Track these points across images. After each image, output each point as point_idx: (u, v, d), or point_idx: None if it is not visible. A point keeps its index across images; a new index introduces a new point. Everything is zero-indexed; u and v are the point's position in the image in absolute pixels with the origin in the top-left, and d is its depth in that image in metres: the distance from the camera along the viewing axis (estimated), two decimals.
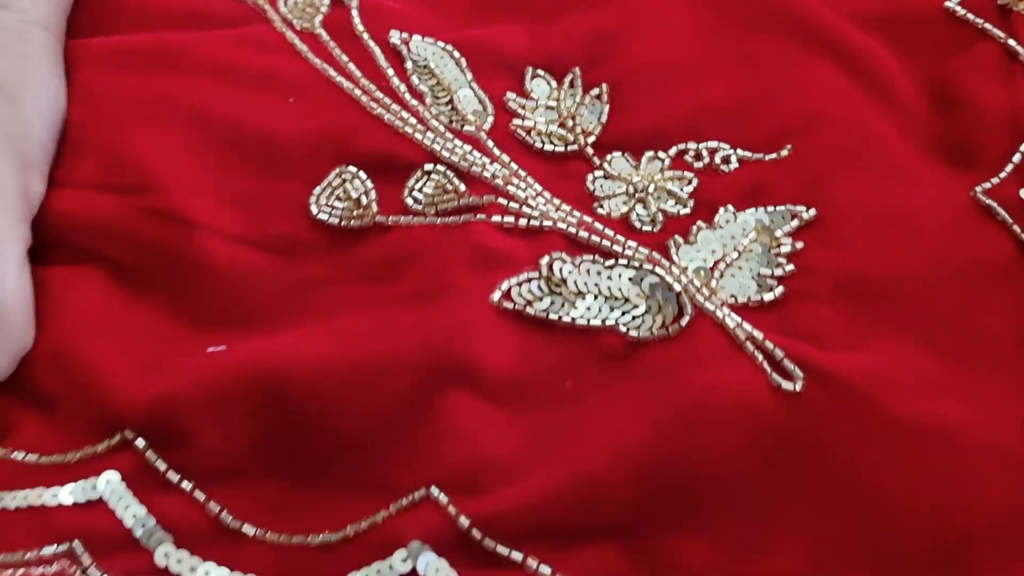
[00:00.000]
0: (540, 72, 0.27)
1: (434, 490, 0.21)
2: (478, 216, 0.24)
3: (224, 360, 0.22)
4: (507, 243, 0.24)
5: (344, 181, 0.25)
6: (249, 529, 0.22)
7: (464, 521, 0.20)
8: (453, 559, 0.20)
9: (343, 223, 0.25)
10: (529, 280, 0.23)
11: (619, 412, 0.21)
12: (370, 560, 0.21)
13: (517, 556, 0.20)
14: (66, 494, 0.22)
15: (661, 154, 0.26)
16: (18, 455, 0.23)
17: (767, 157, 0.25)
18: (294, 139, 0.25)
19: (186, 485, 0.22)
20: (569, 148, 0.26)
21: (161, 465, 0.22)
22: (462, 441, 0.21)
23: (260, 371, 0.22)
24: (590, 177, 0.25)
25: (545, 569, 0.20)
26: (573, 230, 0.24)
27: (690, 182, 0.25)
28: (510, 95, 0.27)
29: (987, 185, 0.25)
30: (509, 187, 0.25)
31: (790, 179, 0.25)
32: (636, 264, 0.23)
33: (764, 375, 0.21)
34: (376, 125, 0.26)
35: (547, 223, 0.24)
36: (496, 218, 0.24)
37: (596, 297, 0.23)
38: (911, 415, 0.21)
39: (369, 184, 0.25)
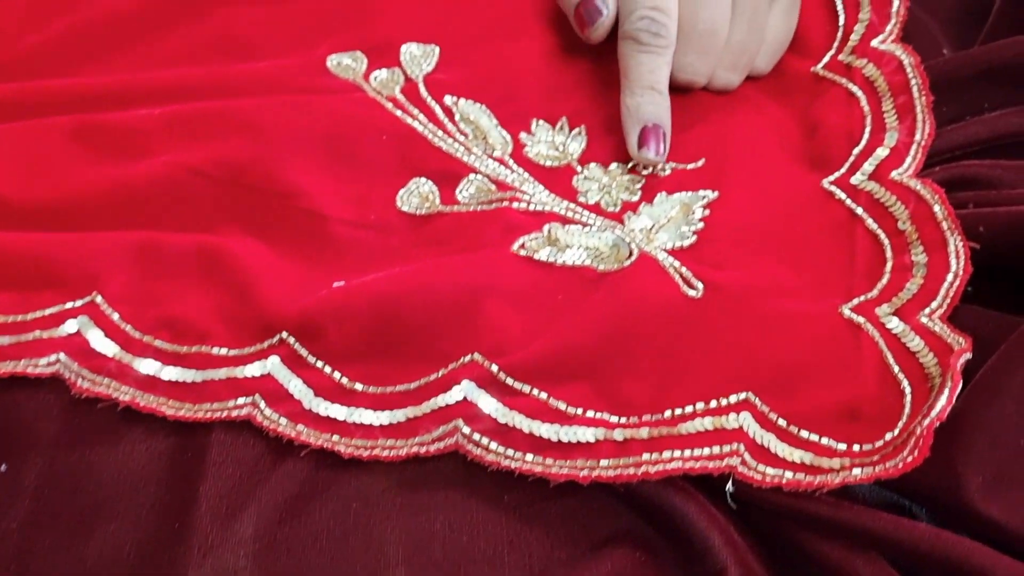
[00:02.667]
0: (541, 121, 0.41)
1: (476, 355, 0.33)
2: (504, 204, 0.38)
3: (345, 288, 0.36)
4: (522, 218, 0.37)
5: (418, 186, 0.39)
6: (359, 386, 0.34)
7: (495, 368, 0.32)
8: (487, 390, 0.33)
9: (418, 212, 0.38)
10: (536, 238, 0.36)
11: (591, 309, 0.34)
12: (436, 395, 0.33)
13: (527, 388, 0.32)
14: (250, 369, 0.35)
15: (622, 166, 0.39)
16: (215, 350, 0.36)
17: (689, 166, 0.38)
18: (387, 161, 0.39)
19: (320, 364, 0.35)
20: (561, 163, 0.39)
21: (304, 352, 0.35)
22: (494, 328, 0.34)
23: (367, 293, 0.35)
24: (575, 179, 0.38)
25: (543, 395, 0.32)
26: (563, 211, 0.37)
27: (639, 182, 0.38)
28: (523, 134, 0.41)
29: (831, 177, 0.37)
30: (523, 187, 0.38)
31: (703, 177, 0.38)
32: (603, 228, 0.37)
33: (678, 286, 0.34)
34: (438, 152, 0.39)
35: (547, 208, 0.38)
36: (515, 205, 0.38)
37: (578, 248, 0.36)
38: (767, 307, 0.33)
39: (434, 187, 0.39)
